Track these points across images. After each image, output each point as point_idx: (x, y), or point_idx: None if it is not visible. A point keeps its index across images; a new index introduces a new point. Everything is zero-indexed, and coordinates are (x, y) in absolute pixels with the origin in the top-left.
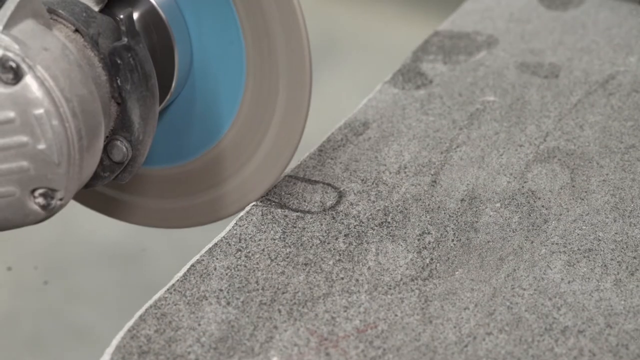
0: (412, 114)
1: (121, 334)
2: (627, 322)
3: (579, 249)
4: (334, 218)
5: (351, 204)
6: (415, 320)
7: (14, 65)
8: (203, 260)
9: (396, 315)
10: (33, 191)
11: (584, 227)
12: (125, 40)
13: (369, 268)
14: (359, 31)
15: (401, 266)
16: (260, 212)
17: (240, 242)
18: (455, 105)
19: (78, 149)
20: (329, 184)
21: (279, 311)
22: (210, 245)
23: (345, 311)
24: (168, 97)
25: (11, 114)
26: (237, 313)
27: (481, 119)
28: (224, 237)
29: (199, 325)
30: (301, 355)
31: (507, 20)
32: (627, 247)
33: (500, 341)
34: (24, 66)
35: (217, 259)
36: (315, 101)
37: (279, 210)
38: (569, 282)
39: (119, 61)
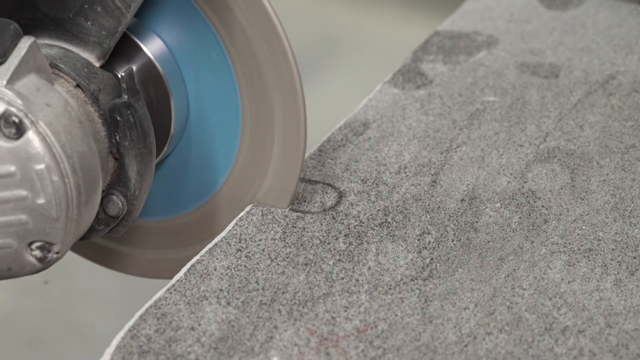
0: (412, 114)
1: (121, 333)
2: (627, 322)
3: (579, 249)
4: (334, 218)
5: (351, 204)
6: (416, 320)
7: (16, 120)
8: (203, 260)
9: (396, 315)
10: (30, 244)
11: (584, 227)
12: (125, 97)
13: (369, 268)
14: (359, 31)
15: (401, 266)
16: (261, 212)
17: (240, 242)
18: (455, 105)
19: (76, 205)
20: (329, 184)
21: (279, 311)
22: (210, 245)
23: (345, 311)
24: (165, 149)
25: (12, 168)
26: (237, 313)
27: (481, 119)
28: (224, 237)
29: (199, 325)
30: (301, 355)
31: (507, 20)
32: (627, 247)
33: (500, 341)
34: (26, 121)
35: (217, 259)
36: (315, 101)
37: (279, 210)
38: (569, 282)
39: (118, 118)
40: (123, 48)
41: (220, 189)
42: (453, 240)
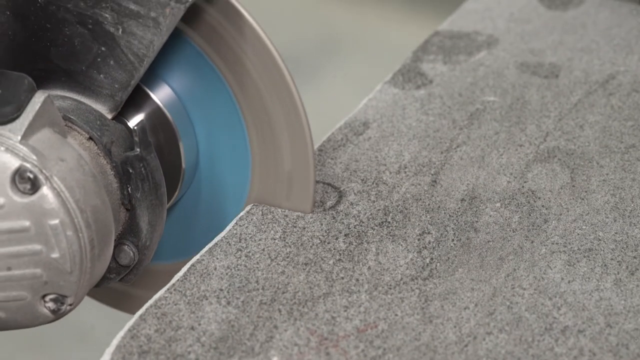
0: (412, 113)
1: (121, 333)
2: (627, 322)
3: (579, 249)
4: (334, 218)
5: (351, 203)
6: (416, 319)
7: (31, 176)
8: (203, 259)
9: (396, 315)
10: (44, 296)
11: (584, 227)
12: (138, 150)
13: (369, 268)
14: (359, 31)
15: (401, 266)
16: (261, 212)
17: (240, 241)
18: (455, 105)
19: (90, 258)
20: (329, 184)
21: (279, 311)
22: (210, 244)
23: (345, 311)
24: (176, 193)
25: (27, 223)
26: (237, 313)
27: (481, 119)
28: (224, 236)
29: (199, 324)
30: (301, 354)
31: (507, 20)
32: (627, 246)
33: (500, 341)
34: (41, 177)
35: (217, 258)
36: (316, 101)
37: (279, 210)
38: (569, 282)
39: (131, 170)
40: (133, 96)
41: None
42: (453, 240)
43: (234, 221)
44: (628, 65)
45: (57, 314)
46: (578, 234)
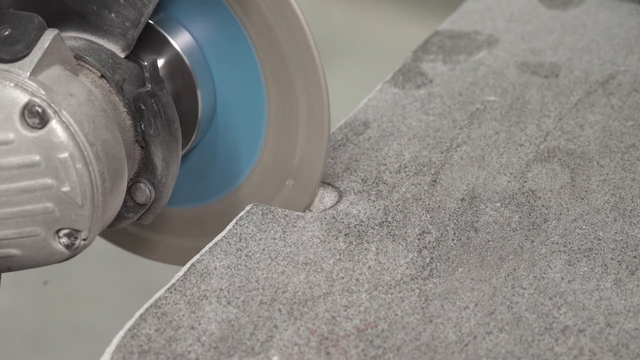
0: (412, 113)
1: (121, 333)
2: (627, 322)
3: (579, 249)
4: (334, 218)
5: (351, 203)
6: (416, 319)
7: (40, 110)
8: (203, 259)
9: (396, 315)
10: (57, 231)
11: (584, 227)
12: (149, 86)
13: (369, 267)
14: (359, 31)
15: (401, 265)
16: (261, 212)
17: (240, 241)
18: (455, 104)
19: (101, 192)
20: (329, 184)
21: (280, 310)
22: (210, 244)
23: (345, 310)
24: (192, 140)
25: (36, 157)
26: (237, 312)
27: (481, 119)
28: (224, 236)
29: (200, 324)
30: (301, 354)
31: (507, 20)
32: (627, 246)
33: (500, 340)
34: (49, 111)
35: (217, 258)
36: None
37: (279, 209)
38: (569, 282)
39: (142, 107)
40: (151, 41)
41: (247, 178)
42: (453, 239)
43: (234, 221)
44: (628, 65)
45: (71, 249)
46: (578, 234)
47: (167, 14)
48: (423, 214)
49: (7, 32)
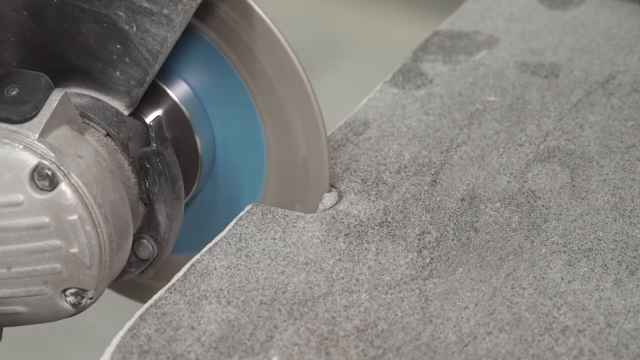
0: (412, 113)
1: (121, 333)
2: (627, 322)
3: (579, 249)
4: (334, 218)
5: (351, 203)
6: (416, 319)
7: (49, 173)
8: (203, 259)
9: (396, 315)
10: (64, 290)
11: (584, 227)
12: (154, 146)
13: (369, 267)
14: (359, 31)
15: (401, 265)
16: (261, 212)
17: (240, 241)
18: (455, 105)
19: (109, 252)
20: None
21: (279, 310)
22: (210, 244)
23: (345, 310)
24: (194, 188)
25: (46, 219)
26: (237, 312)
27: (481, 119)
28: (224, 236)
29: (199, 324)
30: (301, 354)
31: (507, 20)
32: (627, 246)
33: (500, 340)
34: (59, 174)
35: (217, 258)
36: None
37: (279, 209)
38: (569, 282)
39: (148, 165)
40: (149, 92)
41: None
42: (453, 239)
43: (234, 221)
44: (628, 65)
45: (77, 308)
46: (578, 234)
47: (166, 65)
48: (423, 214)
49: (14, 92)
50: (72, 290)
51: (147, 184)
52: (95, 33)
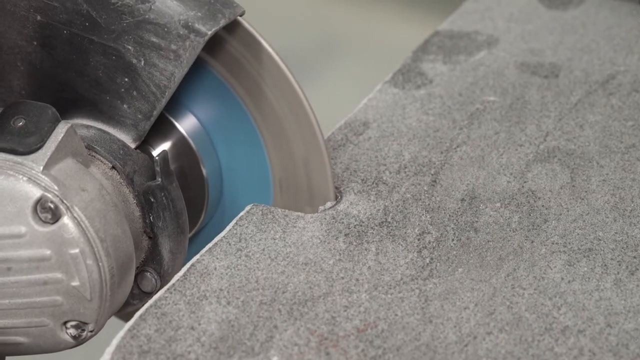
0: (412, 113)
1: (121, 333)
2: (627, 322)
3: (579, 249)
4: (334, 218)
5: (351, 203)
6: (416, 319)
7: (52, 206)
8: (203, 259)
9: (396, 315)
10: (65, 323)
11: (584, 227)
12: (159, 180)
13: (369, 267)
14: (359, 31)
15: (401, 266)
16: (261, 212)
17: (240, 241)
18: (455, 105)
19: (110, 286)
20: None
21: (279, 311)
22: (210, 244)
23: (345, 311)
24: (201, 219)
25: (47, 252)
26: (237, 312)
27: (481, 119)
28: (224, 236)
29: (199, 324)
30: (301, 354)
31: (507, 20)
32: (627, 246)
33: (500, 341)
34: (62, 207)
35: (217, 258)
36: (316, 101)
37: (279, 209)
38: (569, 282)
39: (152, 200)
40: (157, 124)
41: None
42: (453, 239)
43: (234, 221)
44: (628, 65)
45: (78, 340)
46: (578, 234)
47: (173, 98)
48: (423, 214)
49: (21, 123)
50: (73, 323)
51: (151, 217)
52: (104, 65)
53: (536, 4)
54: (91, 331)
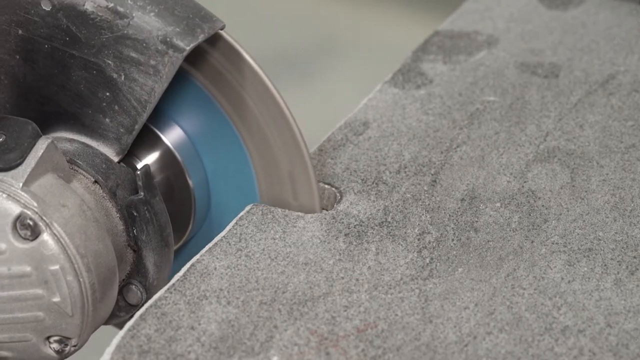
0: (412, 113)
1: (121, 333)
2: (627, 322)
3: (579, 249)
4: (334, 218)
5: (351, 203)
6: (416, 319)
7: (31, 222)
8: (203, 259)
9: (396, 315)
10: (48, 338)
11: (584, 227)
12: (141, 194)
13: (369, 267)
14: (359, 31)
15: (401, 265)
16: (261, 212)
17: (240, 241)
18: (455, 105)
19: (92, 301)
20: (329, 184)
21: (279, 310)
22: (210, 244)
23: (345, 311)
24: (189, 230)
25: (27, 268)
26: (237, 312)
27: (481, 119)
28: (224, 236)
29: (199, 324)
30: (301, 354)
31: (507, 20)
32: (627, 246)
33: (500, 341)
34: (41, 224)
35: (217, 258)
36: (316, 101)
37: (279, 210)
38: (569, 282)
39: (135, 213)
40: (142, 136)
41: None
42: (453, 239)
43: (234, 221)
44: (628, 65)
45: (61, 355)
46: (578, 234)
47: (158, 110)
48: (423, 214)
49: (1, 139)
50: (56, 338)
51: (135, 231)
52: (85, 80)
53: (536, 4)
54: (74, 346)
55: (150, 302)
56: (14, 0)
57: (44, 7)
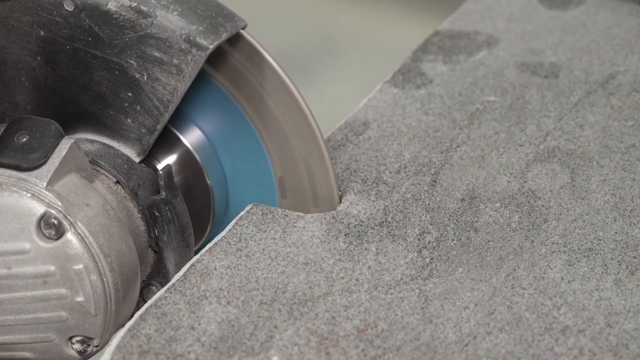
0: (412, 113)
1: (121, 333)
2: (627, 322)
3: (579, 249)
4: (334, 218)
5: (351, 203)
6: (416, 319)
7: (56, 222)
8: (203, 259)
9: (396, 315)
10: (70, 338)
11: (584, 227)
12: (163, 194)
13: (369, 267)
14: (359, 31)
15: (401, 265)
16: (261, 212)
17: (240, 241)
18: (455, 105)
19: (115, 301)
20: None
21: (279, 310)
22: (210, 244)
23: (345, 310)
24: (208, 230)
25: (51, 268)
26: (237, 312)
27: (481, 119)
28: (224, 236)
29: (199, 324)
30: (301, 354)
31: (507, 20)
32: (627, 246)
33: (500, 340)
34: (65, 223)
35: (217, 258)
36: (316, 101)
37: (279, 210)
38: (569, 282)
39: (157, 214)
40: (162, 138)
41: None
42: (453, 239)
43: (234, 221)
44: (628, 65)
45: (84, 355)
46: (578, 234)
47: (178, 111)
48: (423, 214)
49: (24, 139)
50: (78, 338)
51: (156, 232)
52: (107, 80)
53: (536, 4)
54: (96, 346)
55: (150, 302)
56: (37, 1)
57: (66, 8)
